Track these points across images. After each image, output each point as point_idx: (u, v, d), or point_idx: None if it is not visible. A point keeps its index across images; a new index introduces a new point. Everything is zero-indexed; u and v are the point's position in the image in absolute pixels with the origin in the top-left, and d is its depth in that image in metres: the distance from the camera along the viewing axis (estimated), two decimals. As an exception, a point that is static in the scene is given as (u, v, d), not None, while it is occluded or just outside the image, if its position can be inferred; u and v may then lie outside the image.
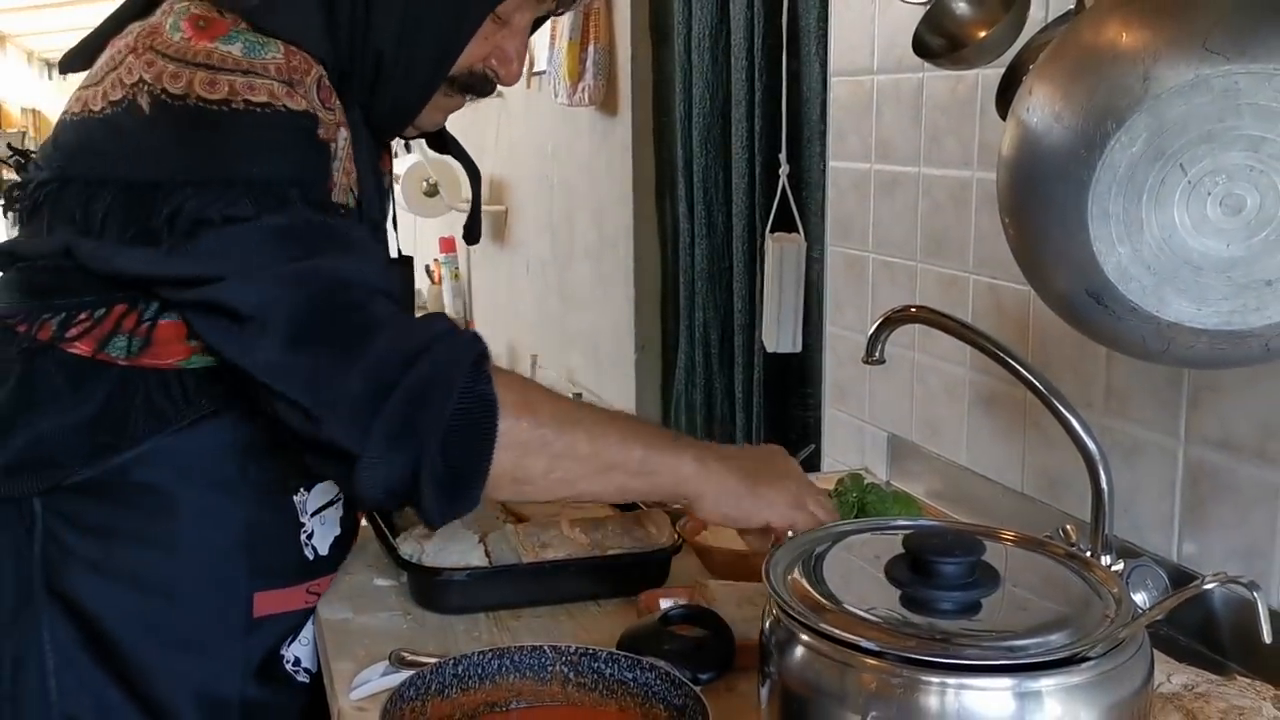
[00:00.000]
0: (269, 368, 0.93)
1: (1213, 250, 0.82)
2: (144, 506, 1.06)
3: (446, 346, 0.94)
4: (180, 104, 0.97)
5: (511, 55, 1.13)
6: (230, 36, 1.00)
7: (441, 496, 0.93)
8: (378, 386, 0.91)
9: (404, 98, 1.10)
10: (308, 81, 1.01)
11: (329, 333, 0.93)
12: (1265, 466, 1.07)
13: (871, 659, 0.76)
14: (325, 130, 1.02)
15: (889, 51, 1.59)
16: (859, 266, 1.69)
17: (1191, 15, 0.80)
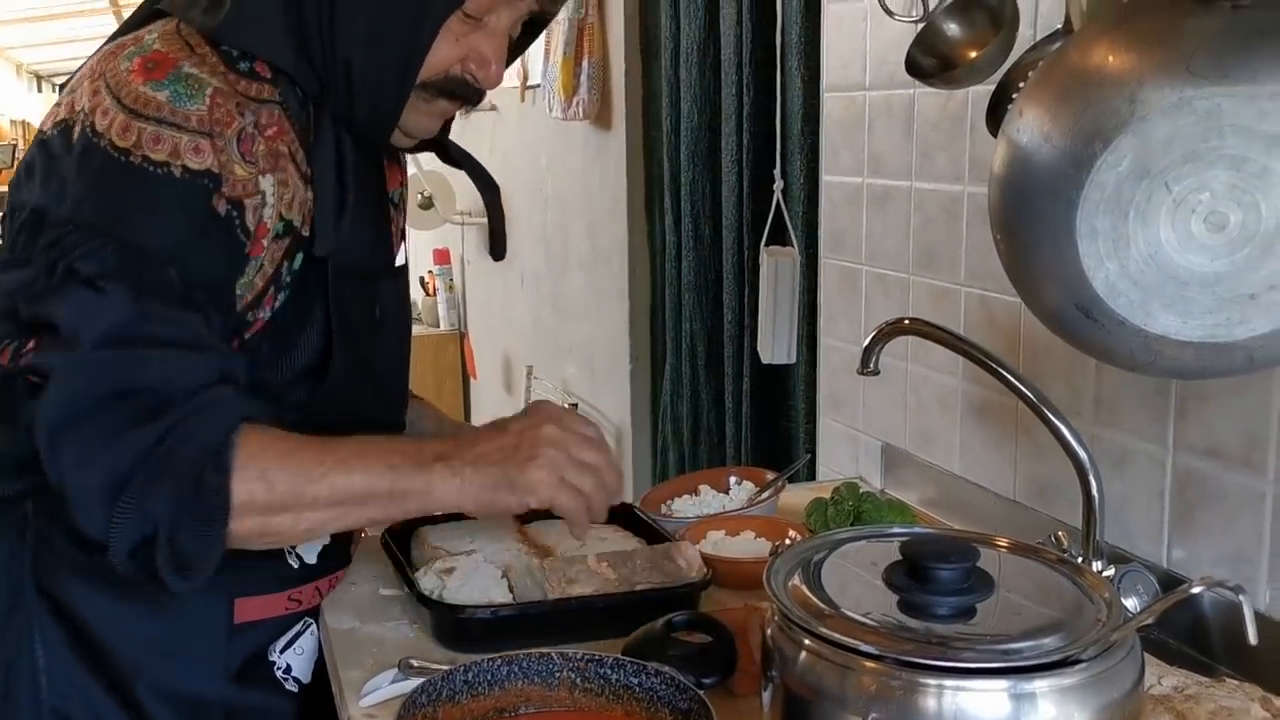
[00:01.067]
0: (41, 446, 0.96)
1: (1197, 266, 0.84)
2: None
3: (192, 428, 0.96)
4: (95, 143, 0.99)
5: (489, 57, 1.10)
6: (163, 82, 1.01)
7: (173, 575, 0.97)
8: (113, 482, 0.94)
9: (379, 105, 1.09)
10: (229, 134, 1.01)
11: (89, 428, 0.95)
12: (1251, 474, 1.10)
13: (871, 662, 0.79)
14: (234, 187, 1.02)
15: (881, 68, 1.62)
16: (852, 279, 1.72)
17: (1176, 40, 0.83)
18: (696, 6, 2.33)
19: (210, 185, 1.01)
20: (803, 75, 1.96)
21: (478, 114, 3.65)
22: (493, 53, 1.10)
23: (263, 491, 0.98)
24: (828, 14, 1.74)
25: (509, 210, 3.62)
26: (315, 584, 1.23)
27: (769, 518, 1.45)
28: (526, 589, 1.19)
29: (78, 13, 8.48)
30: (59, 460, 0.95)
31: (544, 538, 1.32)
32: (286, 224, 1.06)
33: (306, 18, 1.05)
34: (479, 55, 1.10)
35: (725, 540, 1.38)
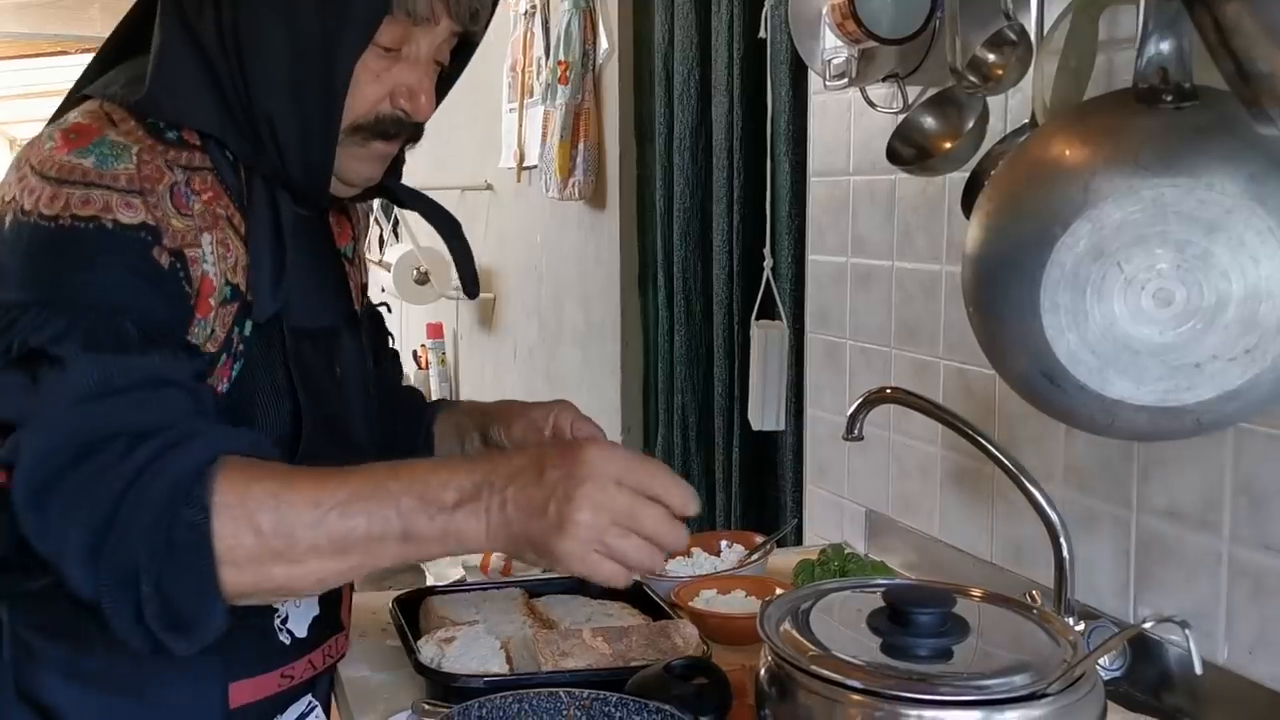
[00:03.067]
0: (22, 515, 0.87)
1: (1148, 337, 0.93)
2: None
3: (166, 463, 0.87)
4: (26, 221, 0.95)
5: (415, 88, 1.06)
6: (87, 149, 0.98)
7: (167, 632, 0.87)
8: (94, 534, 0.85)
9: (310, 158, 1.04)
10: (160, 189, 0.99)
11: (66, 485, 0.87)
12: (1207, 534, 1.17)
13: (857, 695, 0.86)
14: (177, 237, 0.98)
15: (864, 155, 1.72)
16: (837, 352, 1.81)
17: (1125, 136, 0.92)
18: (690, 95, 2.44)
19: (148, 238, 0.97)
20: (790, 161, 2.07)
21: (473, 193, 3.76)
22: (418, 83, 1.06)
23: (249, 537, 0.87)
24: (814, 104, 1.85)
25: (504, 286, 3.72)
26: (308, 657, 1.17)
27: (759, 577, 1.52)
28: (524, 661, 1.20)
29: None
30: (44, 524, 0.87)
31: (551, 612, 1.34)
32: (233, 288, 1.03)
33: (220, 78, 1.02)
34: (404, 89, 1.06)
35: (717, 598, 1.45)
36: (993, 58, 1.21)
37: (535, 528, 0.88)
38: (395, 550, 0.89)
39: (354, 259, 1.27)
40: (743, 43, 2.22)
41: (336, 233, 1.23)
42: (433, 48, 1.07)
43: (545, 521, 0.87)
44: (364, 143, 1.07)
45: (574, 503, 0.87)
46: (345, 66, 1.01)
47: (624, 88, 2.85)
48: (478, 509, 0.89)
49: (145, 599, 0.85)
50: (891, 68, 1.51)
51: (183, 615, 0.87)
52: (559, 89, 2.96)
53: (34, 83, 8.11)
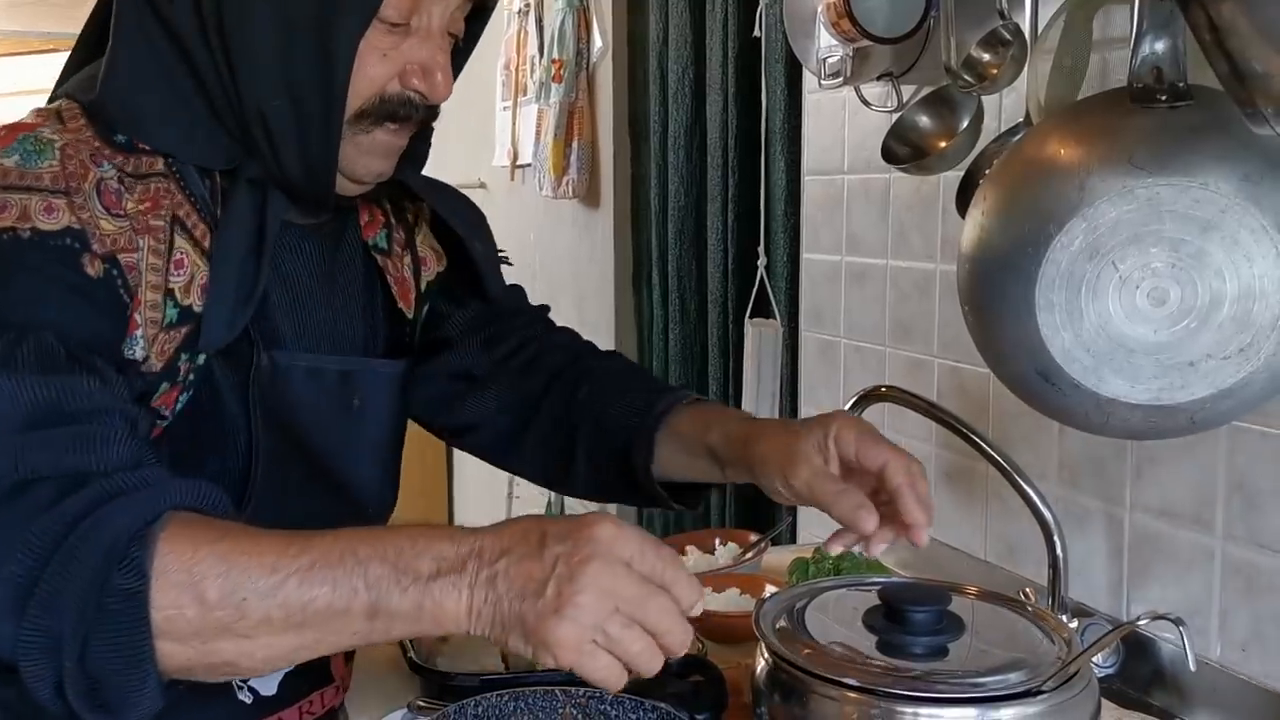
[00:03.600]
0: None
1: (1142, 336, 0.93)
2: None
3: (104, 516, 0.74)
4: None
5: (430, 64, 0.94)
6: (11, 148, 0.87)
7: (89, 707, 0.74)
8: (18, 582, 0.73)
9: (310, 155, 0.92)
10: (85, 187, 0.87)
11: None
12: (1200, 532, 1.18)
13: (853, 693, 0.86)
14: (108, 241, 0.87)
15: (858, 154, 1.72)
16: (831, 351, 1.81)
17: (1119, 136, 0.93)
18: (684, 94, 2.45)
19: (75, 245, 0.86)
20: (785, 160, 2.07)
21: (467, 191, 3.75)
22: (432, 59, 0.94)
23: (192, 607, 0.74)
24: (809, 103, 1.86)
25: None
26: (279, 716, 1.04)
27: (753, 575, 1.52)
28: (519, 659, 1.18)
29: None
30: None
31: None
32: (182, 310, 0.91)
33: (205, 76, 0.91)
34: (416, 66, 0.94)
35: (711, 596, 1.45)
36: (987, 57, 1.21)
37: (528, 608, 0.75)
38: (360, 626, 0.76)
39: (391, 249, 1.12)
40: (737, 41, 2.22)
41: (364, 223, 1.09)
42: (445, 17, 0.94)
43: (541, 602, 0.74)
44: (368, 130, 0.94)
45: (577, 582, 0.74)
46: (346, 48, 0.89)
47: (618, 86, 2.85)
48: (459, 582, 0.76)
49: (67, 673, 0.73)
50: (886, 66, 1.51)
51: (110, 693, 0.74)
52: (553, 87, 2.96)
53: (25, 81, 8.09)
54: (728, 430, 1.06)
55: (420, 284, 1.14)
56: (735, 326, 2.29)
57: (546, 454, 1.18)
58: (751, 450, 1.03)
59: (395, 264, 1.12)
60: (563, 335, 1.26)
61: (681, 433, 1.09)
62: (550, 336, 1.24)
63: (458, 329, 1.20)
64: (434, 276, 1.16)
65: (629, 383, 1.17)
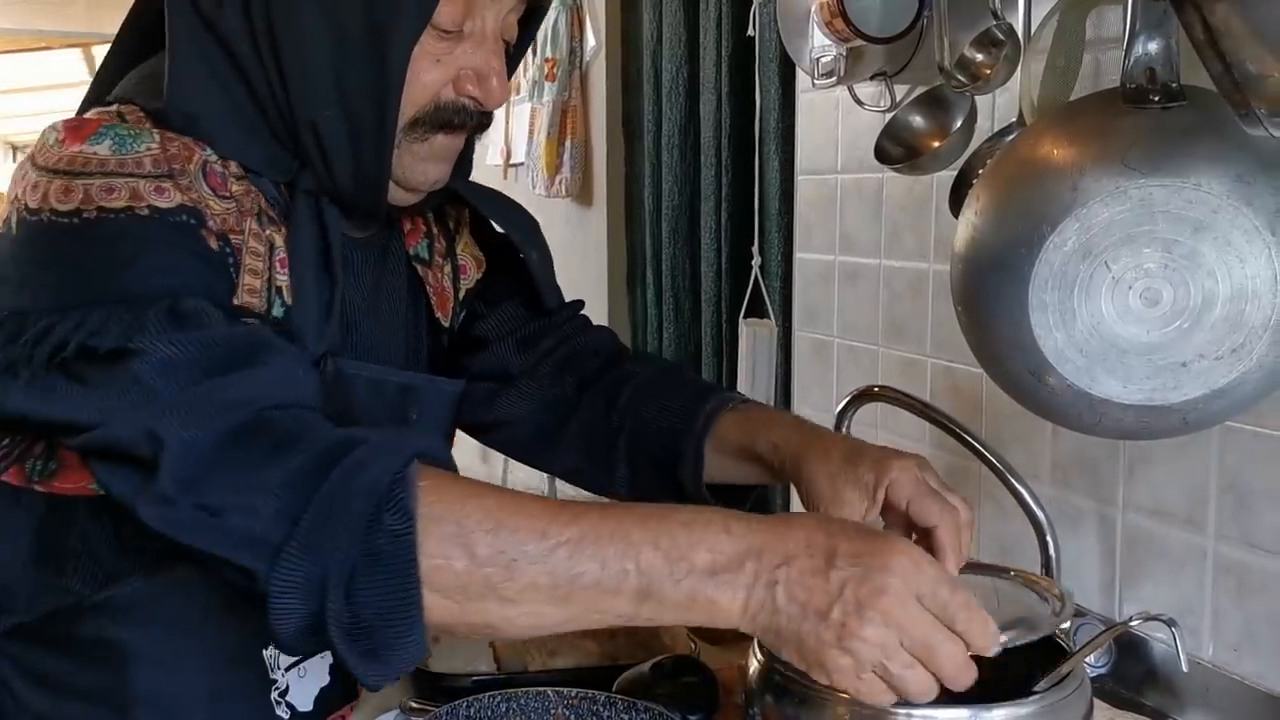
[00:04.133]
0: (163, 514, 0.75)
1: (1135, 336, 0.93)
2: (94, 662, 0.92)
3: (356, 465, 0.74)
4: (35, 220, 0.83)
5: (485, 70, 0.92)
6: (98, 135, 0.85)
7: (355, 651, 0.73)
8: (276, 521, 0.73)
9: (362, 165, 0.91)
10: (190, 169, 0.86)
11: (226, 466, 0.75)
12: (1192, 531, 1.18)
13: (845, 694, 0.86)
14: (219, 220, 0.86)
15: (851, 153, 1.72)
16: (824, 350, 1.81)
17: (1112, 136, 0.93)
18: (678, 93, 2.44)
19: (191, 221, 0.85)
20: (779, 159, 2.07)
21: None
22: (486, 64, 0.92)
23: (460, 556, 0.73)
24: (802, 102, 1.86)
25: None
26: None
27: (746, 575, 1.52)
28: (511, 660, 1.19)
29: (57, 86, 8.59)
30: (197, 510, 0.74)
31: None
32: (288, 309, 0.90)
33: (256, 87, 0.90)
34: (470, 72, 0.92)
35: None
36: (980, 57, 1.21)
37: (809, 631, 0.72)
38: (627, 608, 0.74)
39: (432, 259, 1.10)
40: (731, 40, 2.22)
41: (406, 232, 1.08)
42: (499, 21, 0.93)
43: (824, 627, 0.72)
44: (424, 138, 0.93)
45: (864, 615, 0.71)
46: (400, 56, 0.87)
47: (611, 85, 2.84)
48: (735, 581, 0.73)
49: (332, 614, 0.71)
50: (880, 66, 1.51)
51: (376, 637, 0.73)
52: (546, 86, 2.96)
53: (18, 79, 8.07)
54: (779, 437, 1.04)
55: (459, 292, 1.13)
56: (729, 326, 2.29)
57: (584, 455, 1.16)
58: (800, 468, 1.01)
59: (436, 274, 1.11)
60: (600, 334, 1.24)
61: (727, 439, 1.07)
62: (587, 336, 1.23)
63: (494, 329, 1.18)
64: (472, 284, 1.15)
65: (672, 386, 1.15)
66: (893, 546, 0.74)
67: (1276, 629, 1.10)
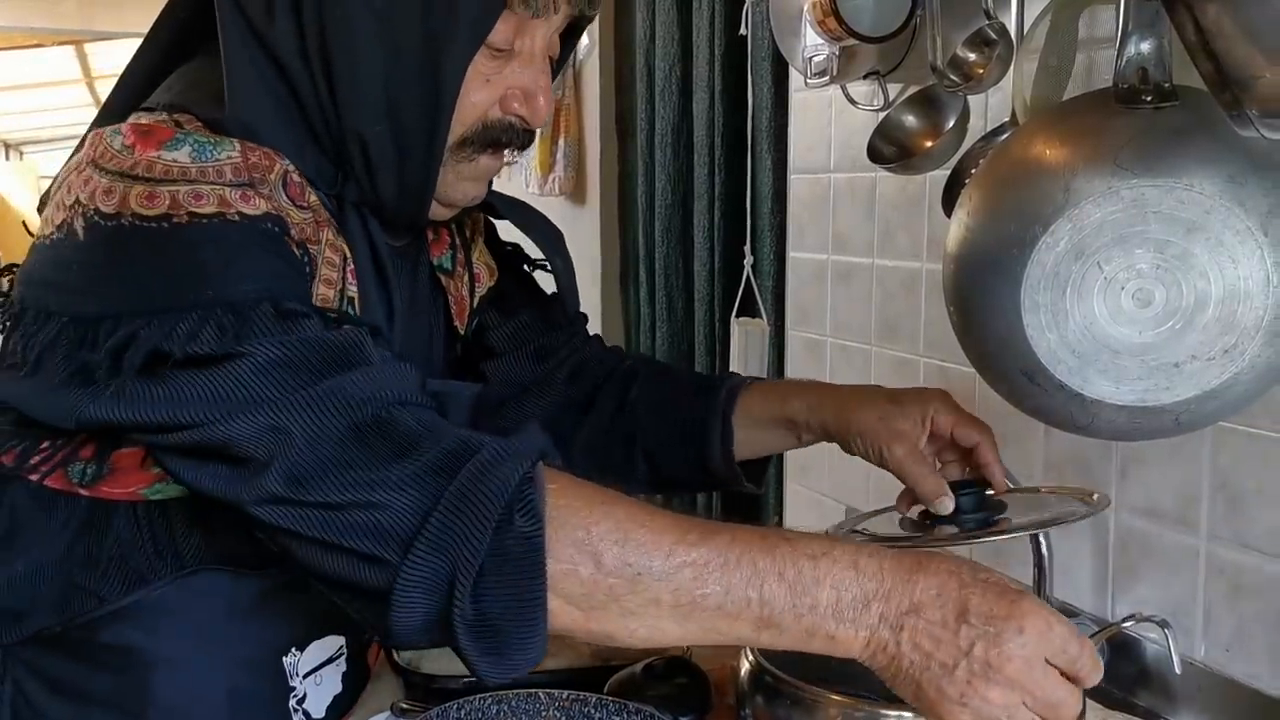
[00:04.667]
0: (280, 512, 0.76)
1: (1128, 337, 0.93)
2: (115, 669, 0.93)
3: (486, 464, 0.75)
4: (114, 224, 0.82)
5: (533, 89, 0.93)
6: (175, 141, 0.85)
7: (478, 649, 0.75)
8: (406, 516, 0.74)
9: (407, 180, 0.92)
10: (271, 179, 0.87)
11: (350, 463, 0.76)
12: (1185, 532, 1.18)
13: (837, 695, 0.86)
14: (299, 230, 0.87)
15: (844, 152, 1.72)
16: (818, 350, 1.81)
17: (1105, 137, 0.93)
18: (671, 91, 2.44)
19: (277, 229, 0.85)
20: (771, 158, 2.07)
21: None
22: (534, 82, 0.93)
23: (586, 563, 0.74)
24: (795, 101, 1.85)
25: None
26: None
27: (739, 575, 1.52)
28: None
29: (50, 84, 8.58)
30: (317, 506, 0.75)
31: None
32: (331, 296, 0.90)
33: (304, 99, 0.90)
34: (518, 91, 0.93)
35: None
36: (973, 56, 1.21)
37: (930, 682, 0.73)
38: (746, 632, 0.75)
39: (454, 269, 1.11)
40: (724, 39, 2.22)
41: (430, 242, 1.09)
42: (547, 40, 0.94)
43: (948, 681, 0.72)
44: (471, 158, 0.94)
45: (991, 678, 0.72)
46: (454, 76, 0.88)
47: (605, 84, 2.84)
48: (859, 622, 0.74)
49: (458, 612, 0.73)
50: (872, 65, 1.51)
51: (501, 637, 0.74)
52: (540, 84, 2.95)
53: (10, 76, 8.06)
54: (811, 400, 1.11)
55: (474, 300, 1.14)
56: (721, 325, 2.29)
57: (600, 456, 1.18)
58: (848, 418, 1.08)
59: (456, 283, 1.12)
60: (600, 344, 1.28)
61: (753, 409, 1.12)
62: (593, 347, 1.26)
63: (505, 339, 1.20)
64: (485, 291, 1.16)
65: (677, 379, 1.21)
66: (1025, 609, 0.73)
67: (1269, 629, 1.10)
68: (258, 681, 0.97)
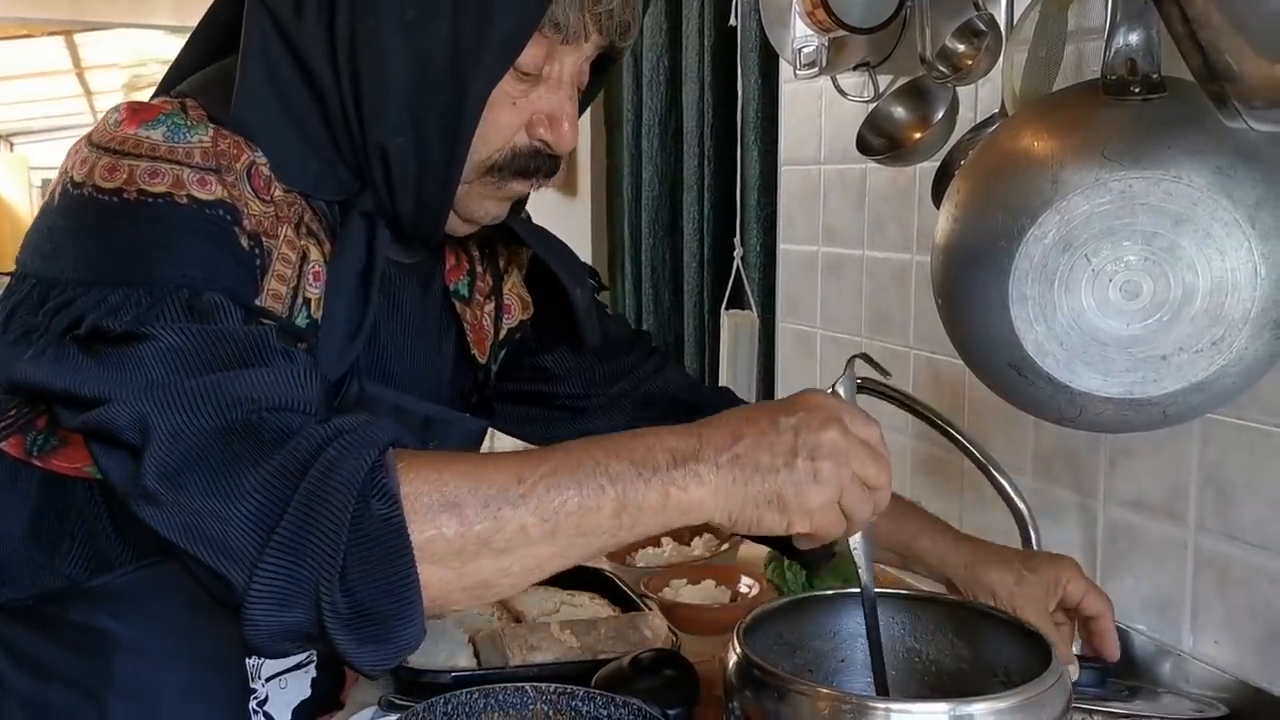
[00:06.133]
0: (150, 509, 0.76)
1: (1115, 329, 0.93)
2: (79, 648, 0.92)
3: (333, 461, 0.75)
4: (78, 193, 0.84)
5: (559, 114, 0.93)
6: (157, 121, 0.86)
7: (358, 640, 0.75)
8: (260, 517, 0.74)
9: (426, 196, 0.92)
10: (238, 167, 0.87)
11: (208, 465, 0.76)
12: (1173, 524, 1.18)
13: (825, 689, 0.86)
14: (255, 221, 0.86)
15: (835, 144, 1.72)
16: (808, 341, 1.81)
17: (1092, 128, 0.92)
18: (658, 82, 2.43)
19: (227, 217, 0.85)
20: (759, 149, 2.07)
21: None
22: (560, 109, 0.93)
23: (450, 522, 0.76)
24: (785, 93, 1.85)
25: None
26: None
27: (729, 567, 1.52)
28: (491, 655, 1.19)
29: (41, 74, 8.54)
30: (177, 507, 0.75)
31: (520, 604, 1.33)
32: (312, 322, 0.90)
33: (329, 105, 0.90)
34: (544, 116, 0.93)
35: (687, 588, 1.45)
36: (962, 48, 1.21)
37: (784, 481, 0.80)
38: (609, 524, 0.79)
39: (472, 297, 1.10)
40: (713, 30, 2.21)
41: (448, 268, 1.08)
42: (576, 68, 0.94)
43: (795, 473, 0.80)
44: (499, 182, 0.95)
45: (821, 450, 0.80)
46: (479, 94, 0.88)
47: (596, 75, 2.83)
48: (699, 468, 0.79)
49: (328, 609, 0.73)
50: (863, 56, 1.50)
51: (377, 624, 0.75)
52: (530, 75, 2.94)
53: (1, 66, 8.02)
54: (943, 547, 1.17)
55: (500, 332, 1.13)
56: (711, 317, 2.28)
57: None
58: (978, 576, 1.13)
59: (475, 312, 1.11)
60: (680, 373, 1.28)
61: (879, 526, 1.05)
62: (668, 374, 1.25)
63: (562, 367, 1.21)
64: (516, 324, 1.16)
65: None
66: (809, 397, 0.84)
67: (1256, 620, 1.10)
68: (217, 678, 0.97)
